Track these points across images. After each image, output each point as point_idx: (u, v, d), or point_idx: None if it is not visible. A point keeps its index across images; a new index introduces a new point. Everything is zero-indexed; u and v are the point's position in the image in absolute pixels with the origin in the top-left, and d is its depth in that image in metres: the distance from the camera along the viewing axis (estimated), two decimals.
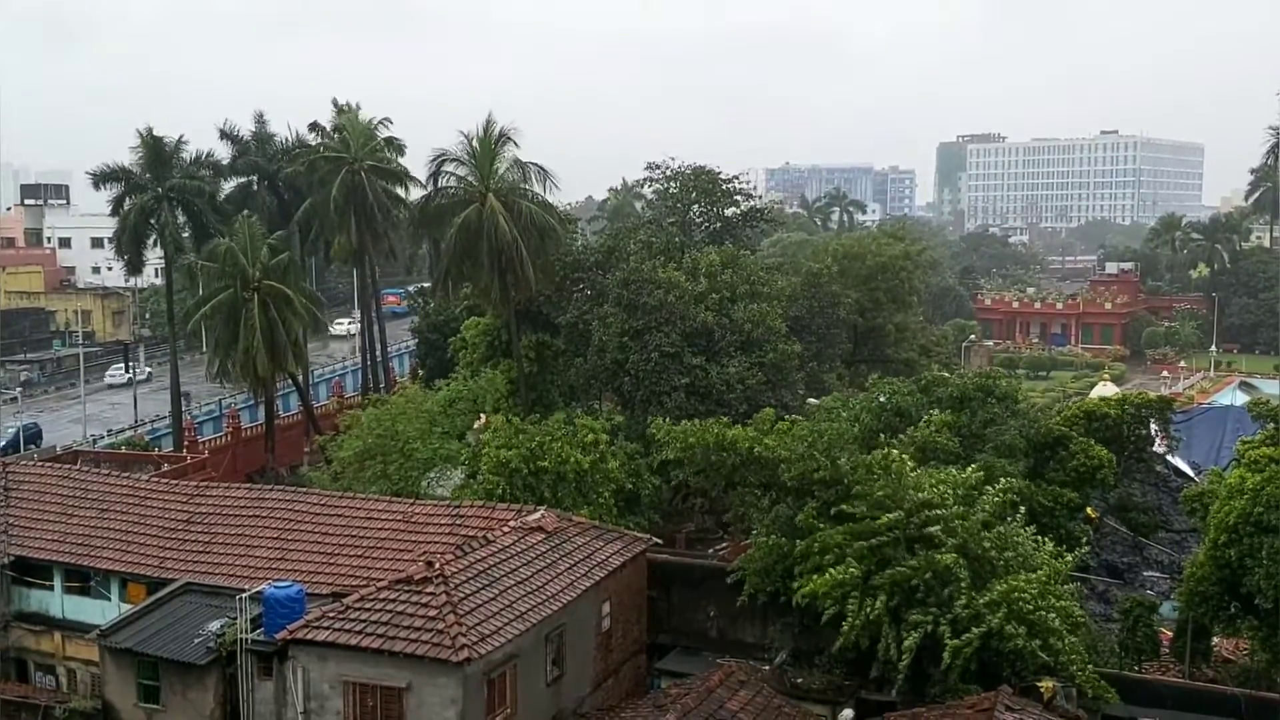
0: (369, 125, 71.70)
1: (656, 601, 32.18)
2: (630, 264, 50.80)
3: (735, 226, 63.31)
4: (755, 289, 51.01)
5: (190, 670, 26.34)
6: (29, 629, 33.41)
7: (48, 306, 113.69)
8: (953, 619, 25.62)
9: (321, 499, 34.02)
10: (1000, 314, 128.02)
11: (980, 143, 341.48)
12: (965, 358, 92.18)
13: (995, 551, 27.28)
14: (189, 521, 33.33)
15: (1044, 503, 34.19)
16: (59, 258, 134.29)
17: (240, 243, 56.18)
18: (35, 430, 68.50)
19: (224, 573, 30.54)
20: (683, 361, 46.98)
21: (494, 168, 53.26)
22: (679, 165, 63.55)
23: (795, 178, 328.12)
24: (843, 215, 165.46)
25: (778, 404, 43.11)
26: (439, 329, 68.45)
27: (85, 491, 35.52)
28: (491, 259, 51.11)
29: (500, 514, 31.11)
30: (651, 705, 27.15)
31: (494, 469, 37.64)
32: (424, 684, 23.53)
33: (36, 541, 33.77)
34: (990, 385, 38.82)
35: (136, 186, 67.90)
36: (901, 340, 61.29)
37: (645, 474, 40.91)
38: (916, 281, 66.11)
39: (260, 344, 53.46)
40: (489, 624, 24.57)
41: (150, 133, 67.70)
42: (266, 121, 77.70)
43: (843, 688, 28.18)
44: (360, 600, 25.25)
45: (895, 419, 36.96)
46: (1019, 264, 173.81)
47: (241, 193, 75.60)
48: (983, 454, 34.58)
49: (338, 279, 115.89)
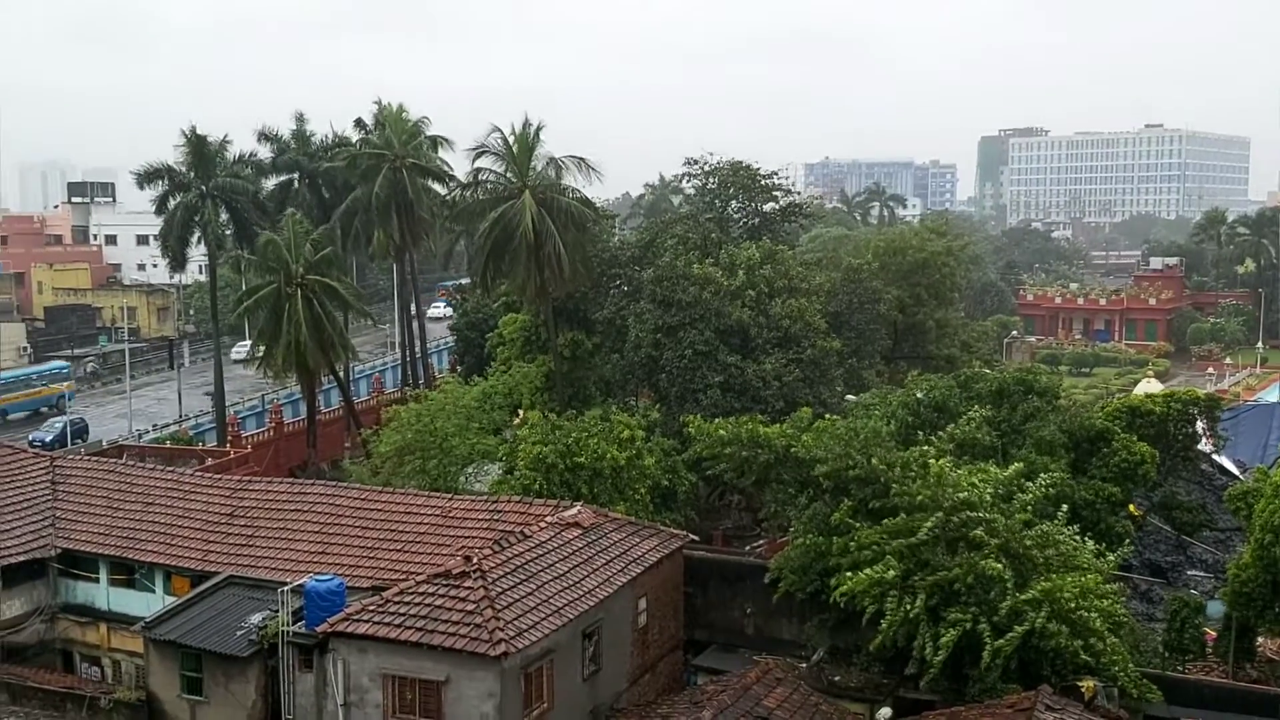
0: (411, 123, 72.08)
1: (693, 598, 32.18)
2: (665, 260, 50.76)
3: (773, 222, 63.03)
4: (793, 285, 50.82)
5: (232, 662, 26.63)
6: (75, 621, 33.94)
7: (94, 303, 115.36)
8: (993, 620, 25.41)
9: (362, 493, 34.29)
10: (1043, 310, 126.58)
11: (1022, 136, 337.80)
12: (1007, 354, 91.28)
13: (1036, 550, 27.01)
14: (232, 515, 33.71)
15: (1086, 498, 33.80)
16: (105, 255, 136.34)
17: (284, 238, 56.78)
18: (82, 425, 69.66)
19: (266, 566, 30.84)
20: (717, 359, 46.89)
21: (531, 164, 53.47)
22: (717, 161, 63.40)
23: (835, 172, 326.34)
24: (883, 210, 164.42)
25: (816, 401, 42.98)
26: (477, 325, 68.80)
27: (130, 485, 36.01)
28: (528, 255, 51.29)
29: (537, 509, 31.22)
30: (688, 701, 27.17)
31: (531, 465, 37.78)
32: (462, 677, 23.68)
33: (83, 534, 34.28)
34: (1030, 380, 38.41)
35: (180, 185, 68.77)
36: (942, 336, 60.81)
37: (681, 470, 40.90)
38: (958, 277, 65.58)
39: (307, 337, 54.01)
40: (526, 619, 24.68)
41: (194, 132, 68.53)
42: (306, 120, 78.46)
43: (880, 686, 28.06)
44: (399, 594, 25.45)
45: (934, 415, 36.68)
46: (1062, 259, 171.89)
47: (282, 191, 76.34)
48: (1022, 450, 34.24)
49: (378, 275, 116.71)
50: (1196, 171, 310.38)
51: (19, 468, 36.82)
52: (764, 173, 62.36)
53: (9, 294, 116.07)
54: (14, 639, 32.94)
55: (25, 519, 34.57)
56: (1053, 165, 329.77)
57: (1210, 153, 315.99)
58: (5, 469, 36.49)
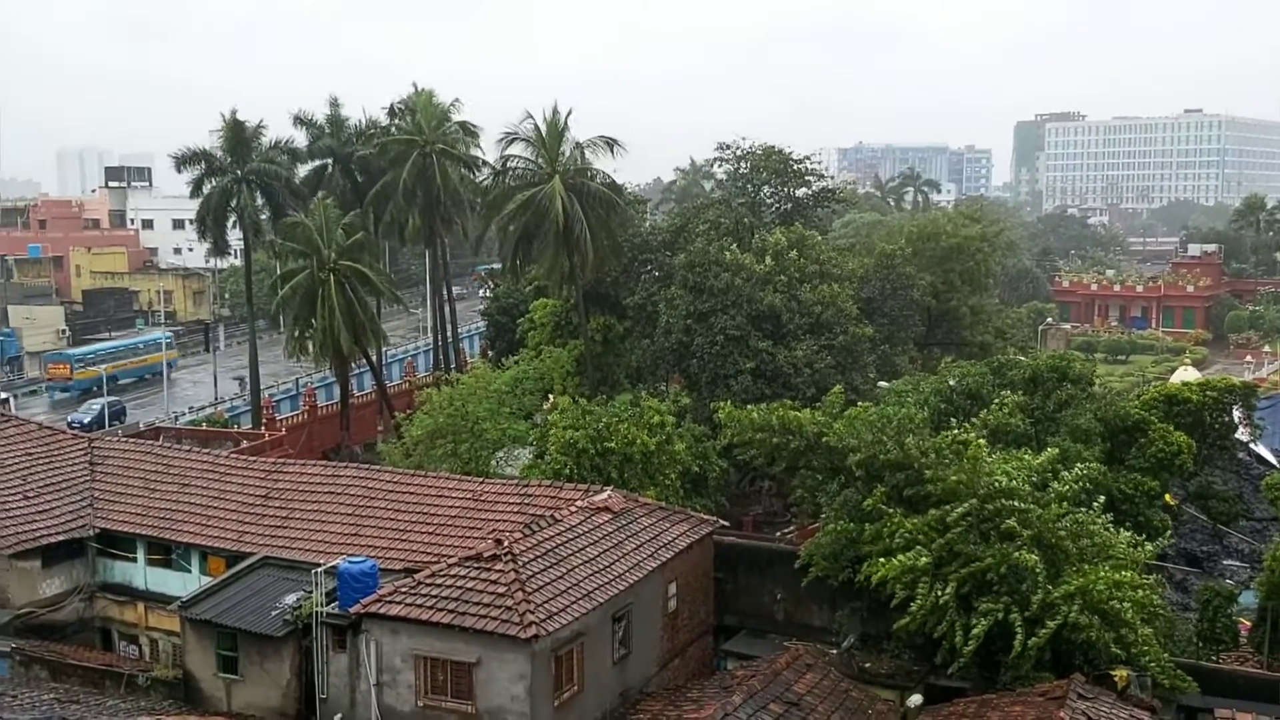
0: (441, 108, 72.24)
1: (723, 583, 32.21)
2: (697, 245, 50.68)
3: (806, 207, 62.77)
4: (825, 270, 50.61)
5: (267, 642, 26.88)
6: (114, 599, 34.40)
7: (131, 286, 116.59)
8: (1025, 611, 25.25)
9: (394, 476, 34.53)
10: (1079, 296, 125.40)
11: (1059, 121, 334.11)
12: (1042, 341, 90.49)
13: (1070, 540, 26.81)
14: (267, 497, 34.03)
15: (1124, 490, 33.53)
16: (142, 239, 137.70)
17: (316, 223, 57.13)
18: (119, 407, 70.53)
19: (300, 547, 31.11)
20: (748, 345, 46.80)
21: (560, 149, 53.52)
22: (749, 145, 63.18)
23: (868, 157, 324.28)
24: (917, 195, 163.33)
25: (848, 387, 42.80)
26: (508, 310, 69.04)
27: (167, 467, 36.43)
28: (557, 240, 51.39)
29: (567, 494, 31.32)
30: (718, 686, 27.22)
31: (561, 449, 37.90)
32: (493, 659, 23.83)
33: (121, 515, 34.72)
34: (1064, 367, 38.08)
35: (217, 170, 69.32)
36: (976, 323, 60.40)
37: (712, 456, 40.91)
38: (992, 263, 65.09)
39: (340, 322, 54.39)
40: (556, 602, 24.79)
41: (233, 117, 68.97)
42: (341, 106, 78.73)
43: (911, 673, 27.98)
44: (431, 576, 25.63)
45: (966, 401, 36.47)
46: (1098, 245, 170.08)
47: (316, 176, 76.77)
48: (1056, 437, 33.99)
49: (410, 260, 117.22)
50: (1236, 157, 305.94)
51: (58, 449, 37.32)
52: (796, 157, 62.12)
53: (48, 277, 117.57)
54: (53, 617, 33.45)
55: (64, 499, 35.06)
56: (1090, 150, 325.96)
57: (1250, 138, 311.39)
58: (45, 450, 37.01)
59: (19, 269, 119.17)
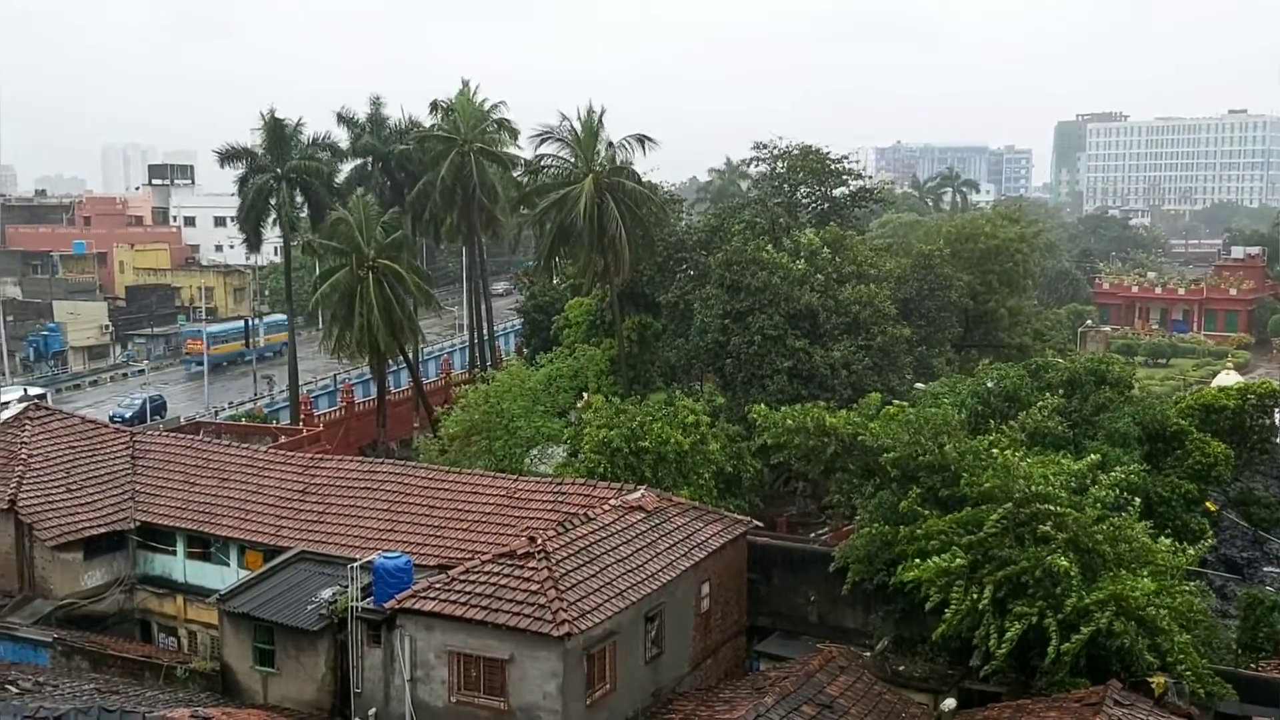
0: (481, 107, 72.51)
1: (756, 584, 32.16)
2: (733, 244, 50.59)
3: (843, 207, 62.49)
4: (862, 270, 50.36)
5: (303, 636, 27.12)
6: (153, 592, 34.88)
7: (173, 283, 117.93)
8: (1060, 616, 25.02)
9: (430, 473, 34.76)
10: (1119, 299, 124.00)
11: (1101, 121, 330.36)
12: (1081, 343, 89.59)
13: (1108, 545, 26.53)
14: (304, 492, 34.36)
15: (1163, 495, 33.15)
16: (183, 236, 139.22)
17: (355, 220, 57.55)
18: (160, 402, 71.30)
19: (336, 542, 31.43)
20: (785, 344, 46.63)
21: (595, 148, 53.62)
22: (786, 145, 62.96)
23: (906, 157, 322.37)
24: (955, 196, 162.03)
25: (885, 389, 42.56)
26: (543, 308, 69.22)
27: (207, 461, 36.87)
28: (591, 239, 51.50)
29: (601, 492, 31.39)
30: (750, 687, 27.19)
31: (595, 448, 37.96)
32: (525, 656, 23.94)
33: (161, 508, 35.18)
34: (1103, 370, 37.68)
35: (258, 167, 70.02)
36: (1015, 325, 59.86)
37: (746, 456, 40.82)
38: (1031, 264, 64.49)
39: (379, 320, 54.78)
40: (589, 600, 24.85)
41: (272, 115, 69.65)
42: (382, 104, 79.19)
43: (945, 677, 27.80)
44: (465, 572, 25.77)
45: (1004, 404, 36.17)
46: (1139, 247, 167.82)
47: (358, 174, 77.34)
48: (1094, 441, 33.64)
49: (447, 258, 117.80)
50: None
51: (100, 442, 37.88)
52: (833, 157, 61.84)
53: (92, 273, 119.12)
54: (95, 608, 33.98)
55: (106, 492, 35.58)
56: (1132, 151, 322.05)
57: None
58: (88, 444, 37.57)
59: (64, 265, 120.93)
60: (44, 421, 38.03)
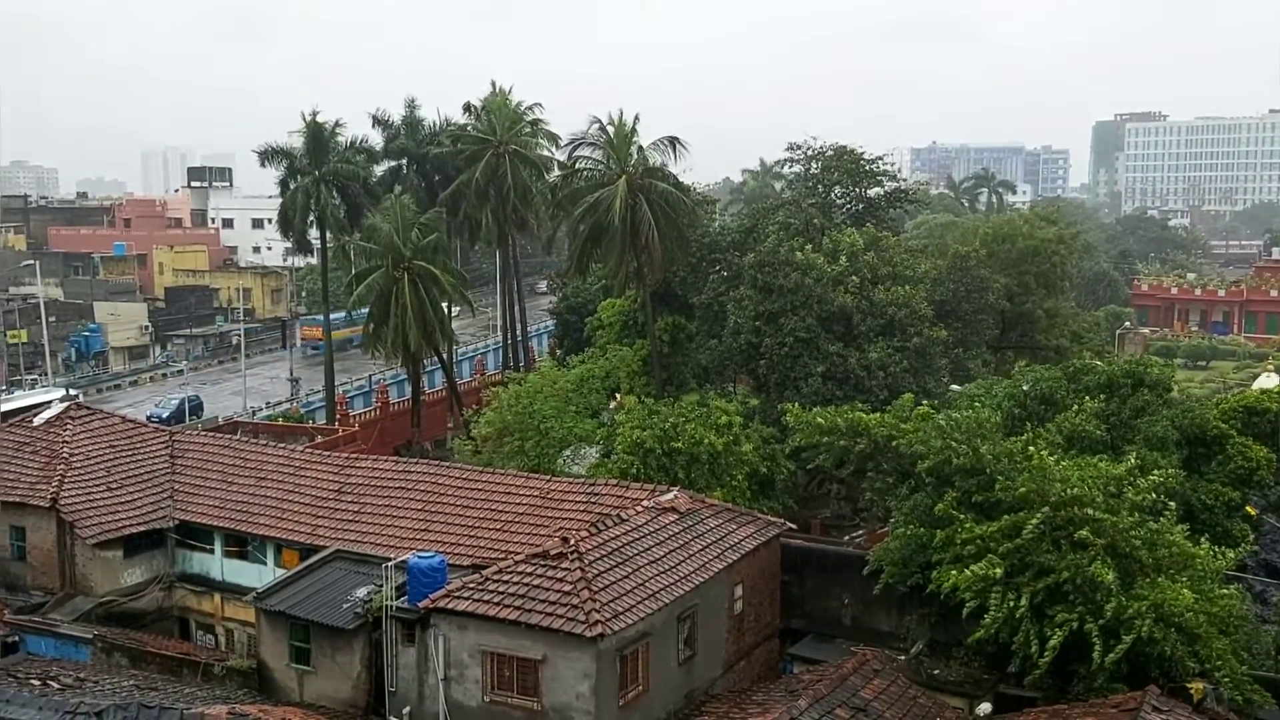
0: (515, 108, 72.81)
1: (790, 587, 32.04)
2: (766, 245, 50.48)
3: (878, 208, 62.17)
4: (898, 272, 50.08)
5: (339, 634, 27.28)
6: (191, 590, 35.26)
7: (211, 284, 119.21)
8: (1101, 621, 24.77)
9: (464, 473, 34.89)
10: (1158, 300, 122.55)
11: (1139, 121, 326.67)
12: (1119, 345, 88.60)
13: (1146, 550, 26.23)
14: (340, 491, 34.59)
15: (1204, 501, 32.73)
16: (222, 237, 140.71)
17: (392, 222, 58.01)
18: (197, 402, 71.82)
19: (371, 541, 31.61)
20: (818, 347, 46.42)
21: (629, 151, 53.75)
22: (820, 145, 62.70)
23: (942, 158, 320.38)
24: (991, 196, 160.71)
25: (921, 391, 42.29)
26: (576, 309, 69.37)
27: (244, 461, 37.21)
28: (623, 241, 51.61)
29: (634, 493, 31.38)
30: (784, 689, 27.09)
31: (629, 449, 38.01)
32: (559, 657, 23.98)
33: (199, 507, 35.56)
34: (1141, 373, 37.25)
35: (297, 169, 70.73)
36: (1052, 326, 59.32)
37: (780, 458, 40.70)
38: (1069, 265, 63.83)
39: (412, 321, 55.16)
40: (622, 601, 24.86)
41: (313, 118, 70.33)
42: (418, 107, 79.83)
43: (981, 681, 27.60)
44: (499, 572, 25.85)
45: (1040, 406, 35.84)
46: (1179, 248, 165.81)
47: (392, 175, 77.93)
48: (1132, 445, 33.25)
49: (482, 259, 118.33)
50: None
51: (140, 442, 38.35)
52: (868, 157, 61.53)
53: (132, 274, 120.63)
54: (134, 605, 34.39)
55: (146, 491, 36.02)
56: (1171, 151, 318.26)
57: None
58: (128, 443, 38.05)
59: (105, 266, 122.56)
60: (85, 421, 38.56)
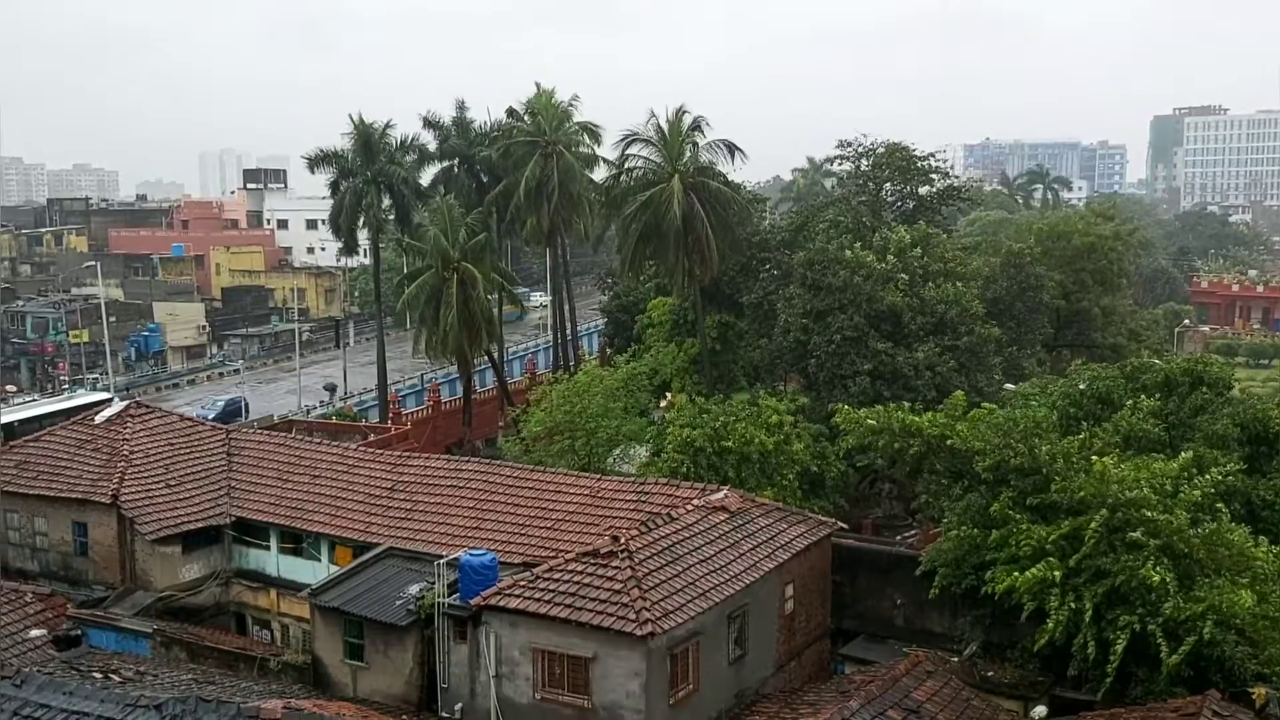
0: (562, 108, 73.01)
1: (841, 587, 31.82)
2: (816, 243, 50.24)
3: (929, 205, 61.60)
4: (949, 269, 49.59)
5: (392, 630, 27.51)
6: (247, 585, 35.71)
7: (267, 284, 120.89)
8: (1163, 622, 24.34)
9: (514, 472, 35.03)
10: (1218, 298, 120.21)
11: (1199, 115, 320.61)
12: (1179, 344, 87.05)
13: (1204, 551, 25.73)
14: (392, 489, 34.85)
15: (1264, 498, 32.02)
16: (277, 238, 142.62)
17: (440, 224, 58.44)
18: (238, 405, 69.82)
19: (423, 539, 31.77)
20: (866, 345, 46.06)
21: (681, 149, 53.66)
22: (871, 142, 62.25)
23: (995, 154, 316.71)
24: (1046, 193, 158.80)
25: (972, 389, 41.86)
26: (627, 309, 69.41)
27: (299, 459, 37.60)
28: (677, 240, 51.55)
29: (684, 492, 31.32)
30: (835, 690, 26.92)
31: (679, 448, 37.95)
32: (609, 655, 24.00)
33: (255, 504, 35.99)
34: (1200, 371, 36.55)
35: (347, 171, 71.48)
36: (1108, 325, 58.48)
37: (831, 457, 40.44)
38: (1126, 263, 62.91)
39: (456, 321, 55.53)
40: (672, 600, 24.82)
41: (360, 119, 71.08)
42: (467, 108, 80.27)
43: (1036, 684, 27.22)
44: (549, 570, 25.93)
45: (1096, 406, 35.29)
46: (1240, 244, 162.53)
47: (444, 176, 78.49)
48: (1191, 444, 32.63)
49: (531, 259, 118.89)
50: None
51: (198, 440, 38.96)
52: (920, 154, 60.99)
53: (190, 275, 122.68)
54: (192, 600, 34.94)
55: (203, 488, 36.57)
56: (1231, 145, 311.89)
57: None
58: (186, 441, 38.66)
59: (163, 267, 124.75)
60: (144, 419, 39.24)
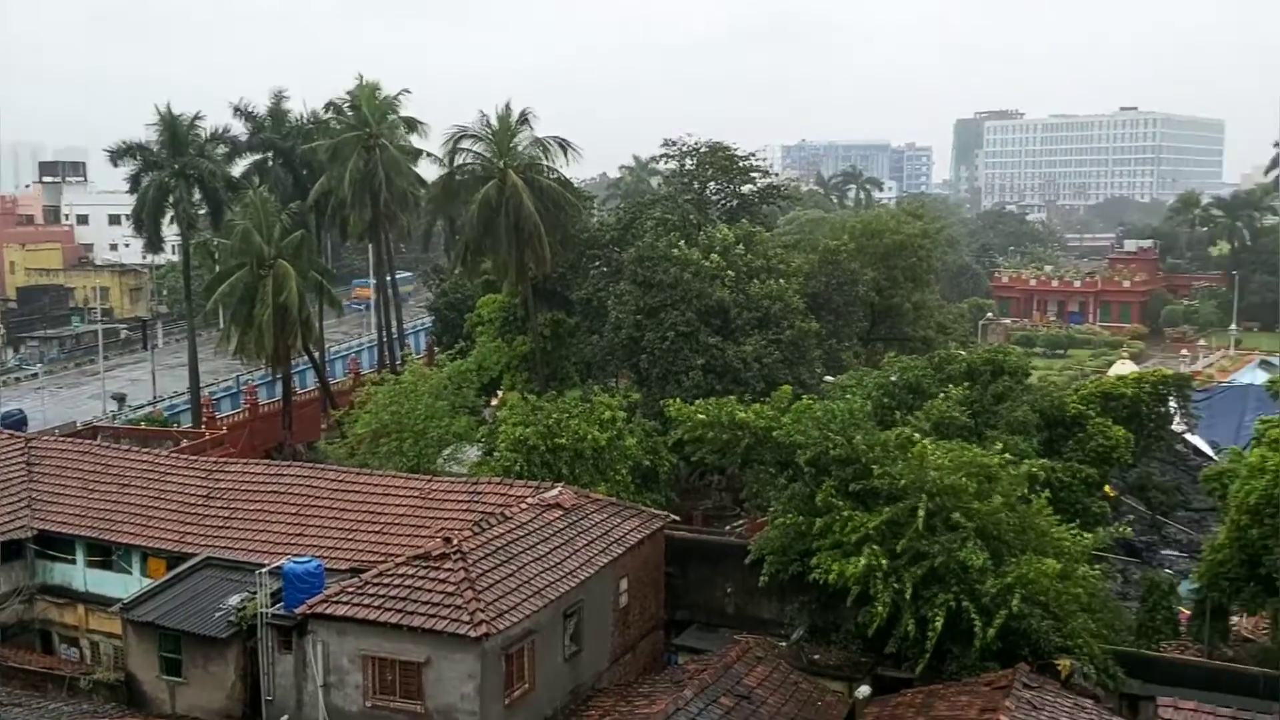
0: (385, 101, 71.44)
1: (674, 578, 32.26)
2: (645, 241, 50.72)
3: (751, 204, 62.97)
4: (771, 266, 50.84)
5: (211, 644, 26.56)
6: (53, 601, 33.72)
7: (66, 283, 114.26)
8: (976, 601, 25.59)
9: (339, 475, 34.17)
10: (1017, 292, 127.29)
11: (997, 119, 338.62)
12: (982, 336, 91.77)
13: (1014, 534, 27.25)
14: (208, 497, 33.54)
15: (1063, 479, 34.10)
16: (76, 235, 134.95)
17: (254, 219, 56.26)
18: (19, 417, 63.21)
19: (243, 548, 30.71)
20: (698, 340, 46.85)
21: (513, 145, 53.37)
22: (694, 142, 63.19)
23: (811, 155, 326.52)
24: (859, 192, 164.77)
25: (795, 382, 43.06)
26: (455, 306, 68.51)
27: (106, 467, 35.77)
28: (510, 235, 51.24)
29: (518, 491, 31.20)
30: (669, 680, 27.29)
31: (511, 446, 37.70)
32: (442, 659, 23.67)
33: (59, 516, 34.03)
34: (999, 361, 38.68)
35: (153, 164, 68.09)
36: (919, 318, 61.02)
37: (663, 451, 40.92)
38: (934, 259, 65.74)
39: (270, 321, 53.60)
40: (507, 600, 24.67)
41: (168, 110, 67.91)
42: (285, 99, 77.62)
43: (860, 664, 28.26)
44: (379, 576, 25.39)
45: (908, 395, 36.90)
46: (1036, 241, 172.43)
47: (257, 169, 75.66)
48: (995, 430, 34.48)
49: (353, 255, 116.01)
50: (1171, 154, 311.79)
51: None
52: (741, 154, 62.27)
53: None
54: None
55: (1, 501, 34.27)
56: (1028, 148, 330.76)
57: (1185, 135, 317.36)
58: None
59: None
60: None
